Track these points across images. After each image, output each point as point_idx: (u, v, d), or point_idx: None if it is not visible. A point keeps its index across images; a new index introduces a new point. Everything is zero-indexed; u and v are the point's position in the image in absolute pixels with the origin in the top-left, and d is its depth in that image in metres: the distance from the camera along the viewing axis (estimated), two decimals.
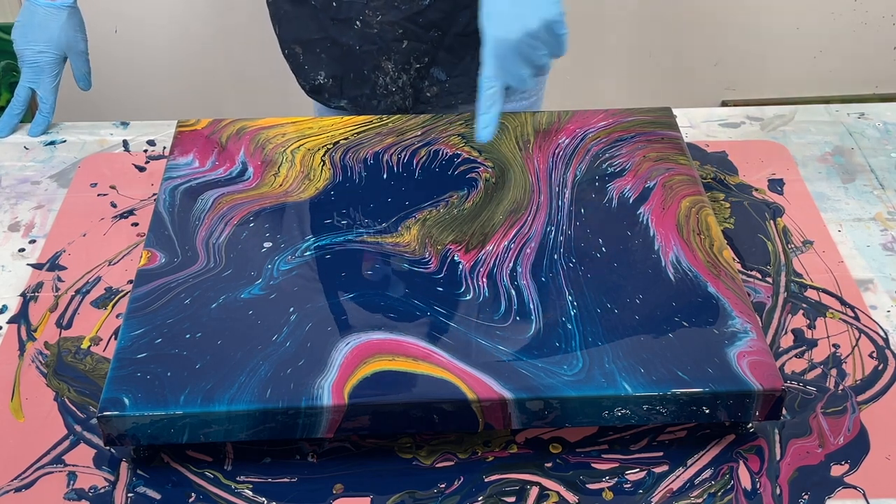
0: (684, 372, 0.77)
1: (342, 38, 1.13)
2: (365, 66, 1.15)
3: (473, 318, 0.81)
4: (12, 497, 0.76)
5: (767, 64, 2.24)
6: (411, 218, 0.92)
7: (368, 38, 1.12)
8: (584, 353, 0.78)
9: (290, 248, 0.88)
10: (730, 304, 0.82)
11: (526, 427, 0.77)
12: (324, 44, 1.15)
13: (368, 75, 1.15)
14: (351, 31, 1.12)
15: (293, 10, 1.15)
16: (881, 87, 2.29)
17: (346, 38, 1.13)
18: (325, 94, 1.19)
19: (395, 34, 1.11)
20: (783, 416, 0.82)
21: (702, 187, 0.96)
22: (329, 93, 1.19)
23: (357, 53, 1.14)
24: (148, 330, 0.80)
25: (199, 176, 0.97)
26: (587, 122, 1.04)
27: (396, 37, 1.12)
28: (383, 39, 1.12)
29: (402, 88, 1.16)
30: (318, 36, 1.14)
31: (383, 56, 1.13)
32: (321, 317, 0.81)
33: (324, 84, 1.18)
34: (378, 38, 1.12)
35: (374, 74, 1.15)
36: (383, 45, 1.12)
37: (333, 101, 1.19)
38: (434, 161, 0.99)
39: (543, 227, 0.91)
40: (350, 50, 1.14)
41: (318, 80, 1.18)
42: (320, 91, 1.19)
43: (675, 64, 2.22)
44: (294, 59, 1.19)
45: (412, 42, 1.12)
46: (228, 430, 0.75)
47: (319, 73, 1.17)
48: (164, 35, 2.07)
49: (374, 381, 0.76)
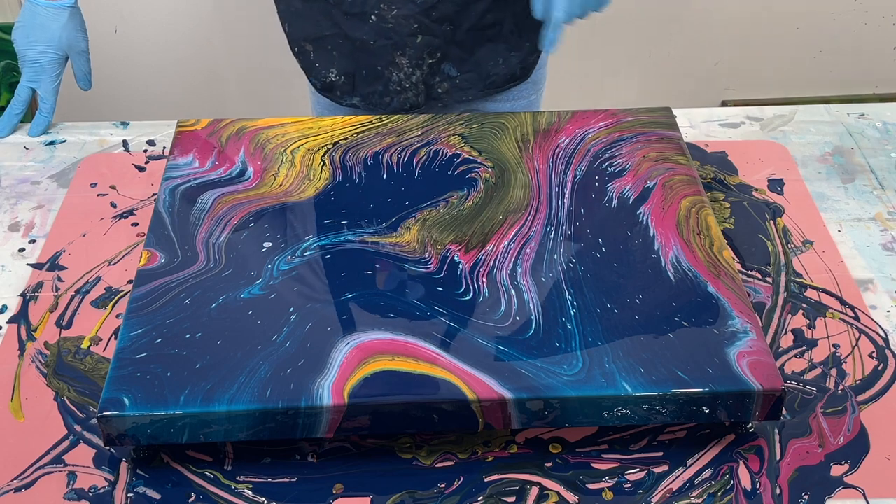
0: (684, 372, 0.77)
1: (356, 33, 1.13)
2: (379, 62, 1.14)
3: (473, 318, 0.81)
4: (12, 497, 0.76)
5: (767, 64, 2.24)
6: (411, 218, 0.92)
7: (383, 33, 1.12)
8: (584, 353, 0.78)
9: (290, 248, 0.88)
10: (730, 304, 0.82)
11: (526, 427, 0.77)
12: (335, 40, 1.15)
13: (382, 71, 1.15)
14: (365, 26, 1.12)
15: (304, 7, 1.15)
16: (881, 87, 2.29)
17: (359, 32, 1.13)
18: (337, 92, 1.19)
19: (410, 28, 1.11)
20: (783, 416, 0.82)
21: (702, 187, 0.96)
22: (341, 90, 1.19)
23: (371, 49, 1.13)
24: (148, 330, 0.80)
25: (199, 176, 0.97)
26: (587, 122, 1.04)
27: (411, 31, 1.12)
28: (398, 34, 1.12)
29: (415, 84, 1.16)
30: (330, 32, 1.14)
31: (397, 51, 1.13)
32: (321, 317, 0.81)
33: (335, 81, 1.18)
34: (393, 33, 1.12)
35: (387, 70, 1.15)
36: (398, 39, 1.12)
37: (345, 98, 1.19)
38: (434, 161, 0.99)
39: (543, 227, 0.91)
40: (364, 45, 1.13)
41: (330, 78, 1.18)
42: (332, 88, 1.19)
43: (675, 64, 2.22)
44: (305, 57, 1.18)
45: (426, 36, 1.12)
46: (228, 430, 0.75)
47: (331, 71, 1.17)
48: (164, 35, 2.07)
49: (373, 381, 0.76)
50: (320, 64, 1.17)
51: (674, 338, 0.79)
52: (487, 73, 1.18)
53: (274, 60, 2.07)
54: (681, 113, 1.16)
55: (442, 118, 1.05)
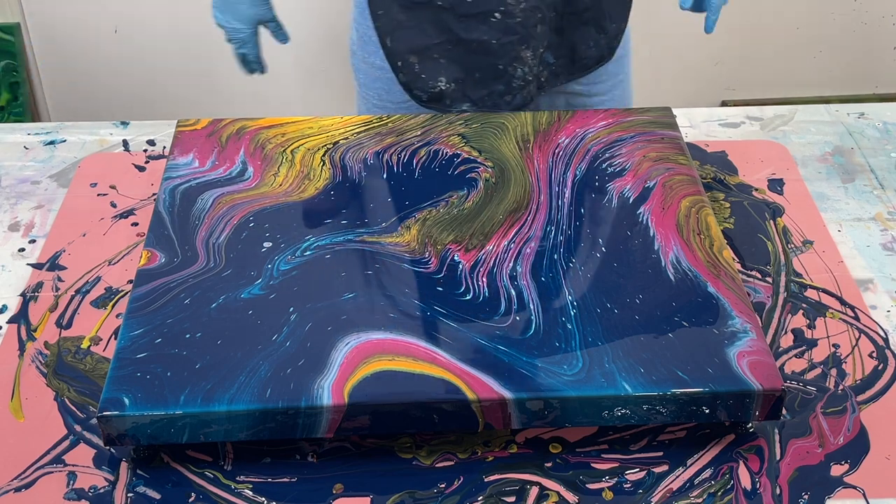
0: (684, 372, 0.77)
1: (472, 34, 1.11)
2: (500, 60, 1.12)
3: (473, 318, 0.81)
4: (12, 497, 0.76)
5: (767, 64, 2.24)
6: (411, 218, 0.92)
7: (510, 29, 1.10)
8: (584, 352, 0.78)
9: (290, 248, 0.88)
10: (730, 304, 0.82)
11: (526, 427, 0.77)
12: (444, 47, 1.12)
13: (504, 69, 1.13)
14: (483, 26, 1.10)
15: (408, 19, 1.12)
16: (881, 87, 2.29)
17: (477, 33, 1.10)
18: (447, 101, 1.16)
19: (535, 18, 1.10)
20: (783, 415, 0.82)
21: (702, 187, 0.96)
22: (451, 98, 1.15)
23: (492, 48, 1.11)
24: (148, 330, 0.80)
25: (199, 176, 0.97)
26: (587, 121, 1.04)
27: (536, 21, 1.11)
28: (525, 27, 1.10)
29: (536, 77, 1.15)
30: (438, 40, 1.12)
31: (523, 45, 1.11)
32: (321, 316, 0.81)
33: (445, 90, 1.14)
34: (520, 27, 1.10)
35: (510, 67, 1.13)
36: (524, 32, 1.10)
37: (455, 105, 1.16)
38: (434, 161, 0.99)
39: (543, 227, 0.91)
40: (482, 46, 1.11)
41: (439, 87, 1.14)
42: (441, 98, 1.15)
43: (675, 64, 2.22)
44: (409, 70, 1.15)
45: (543, 26, 1.12)
46: (228, 429, 0.75)
47: (440, 80, 1.14)
48: (164, 35, 2.07)
49: (374, 380, 0.76)
50: (427, 75, 1.14)
51: (674, 337, 0.79)
52: (580, 57, 1.18)
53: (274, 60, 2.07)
54: (681, 113, 1.16)
55: (442, 118, 1.05)
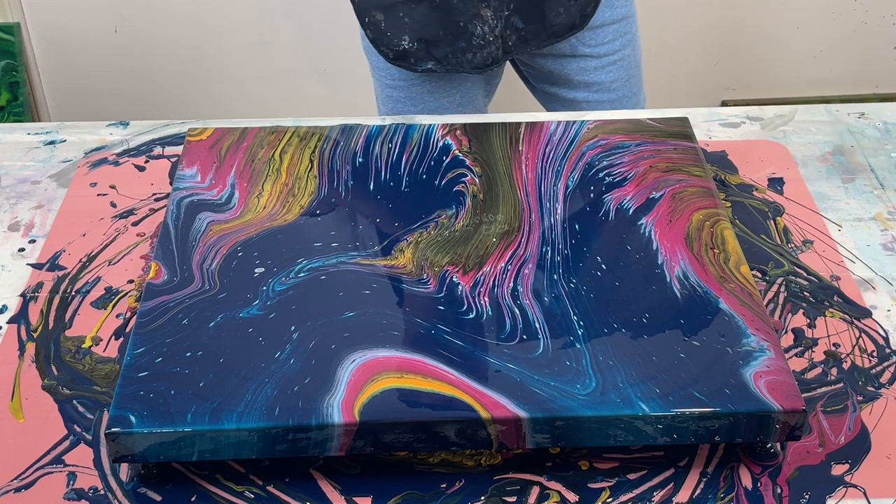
0: (700, 392, 0.75)
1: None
2: (461, 17, 1.16)
3: (479, 336, 0.80)
4: (12, 497, 0.76)
5: (767, 64, 2.24)
6: (403, 241, 0.90)
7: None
8: (596, 372, 0.77)
9: (283, 272, 0.86)
10: (744, 322, 0.80)
11: (539, 447, 0.76)
12: (408, 6, 1.16)
13: (465, 27, 1.16)
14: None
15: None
16: (881, 87, 2.29)
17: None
18: (411, 59, 1.20)
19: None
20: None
21: (719, 200, 0.93)
22: (415, 57, 1.19)
23: (453, 5, 1.15)
24: (148, 349, 0.79)
25: (200, 192, 0.95)
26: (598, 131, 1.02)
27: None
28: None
29: (498, 37, 1.17)
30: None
31: (482, 3, 1.15)
32: (324, 334, 0.80)
33: (409, 49, 1.19)
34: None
35: (471, 25, 1.16)
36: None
37: (420, 64, 1.20)
38: (421, 162, 0.98)
39: (539, 249, 0.89)
40: (444, 3, 1.15)
41: (403, 46, 1.18)
42: (405, 56, 1.20)
43: (675, 64, 2.22)
44: (375, 28, 1.19)
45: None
46: (238, 449, 0.74)
47: (403, 39, 1.18)
48: (164, 35, 2.07)
49: (384, 399, 0.75)
50: (392, 33, 1.18)
51: (686, 357, 0.78)
52: (550, 23, 1.20)
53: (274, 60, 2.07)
54: (681, 113, 1.16)
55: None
